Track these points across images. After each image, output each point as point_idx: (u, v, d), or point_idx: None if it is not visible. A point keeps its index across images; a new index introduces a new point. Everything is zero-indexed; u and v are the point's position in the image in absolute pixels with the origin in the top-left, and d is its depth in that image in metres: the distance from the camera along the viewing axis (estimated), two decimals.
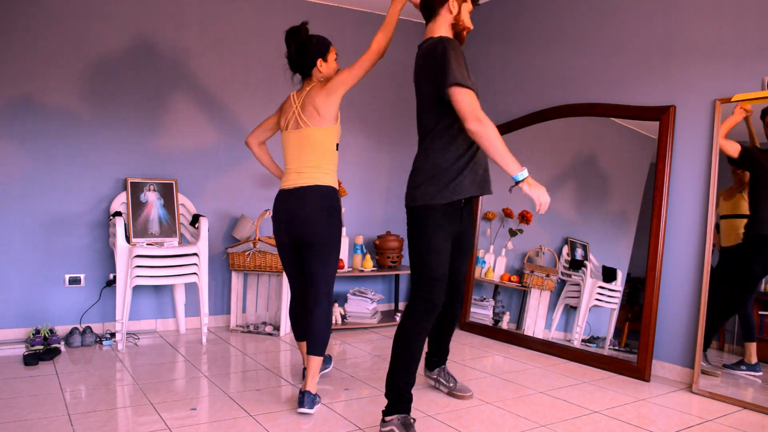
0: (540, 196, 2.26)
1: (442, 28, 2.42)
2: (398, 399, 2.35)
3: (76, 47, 3.80)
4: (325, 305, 2.67)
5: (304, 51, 2.68)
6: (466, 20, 2.46)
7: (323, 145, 2.68)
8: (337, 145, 2.74)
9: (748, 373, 2.98)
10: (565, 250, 3.85)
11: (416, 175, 2.39)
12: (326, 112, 2.66)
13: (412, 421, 2.32)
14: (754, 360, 2.98)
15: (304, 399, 2.56)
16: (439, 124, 2.34)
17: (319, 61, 2.71)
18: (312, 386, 2.61)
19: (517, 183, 2.25)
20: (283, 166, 2.81)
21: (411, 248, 2.41)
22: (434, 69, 2.27)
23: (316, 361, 2.64)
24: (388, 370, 2.38)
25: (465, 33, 2.49)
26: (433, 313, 2.35)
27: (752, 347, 2.99)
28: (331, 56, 2.76)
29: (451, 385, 2.92)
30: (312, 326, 2.65)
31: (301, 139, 2.69)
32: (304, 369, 2.84)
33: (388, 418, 2.34)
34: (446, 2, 2.39)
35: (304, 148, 2.69)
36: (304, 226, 2.65)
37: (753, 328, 3.01)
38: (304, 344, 2.90)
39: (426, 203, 2.34)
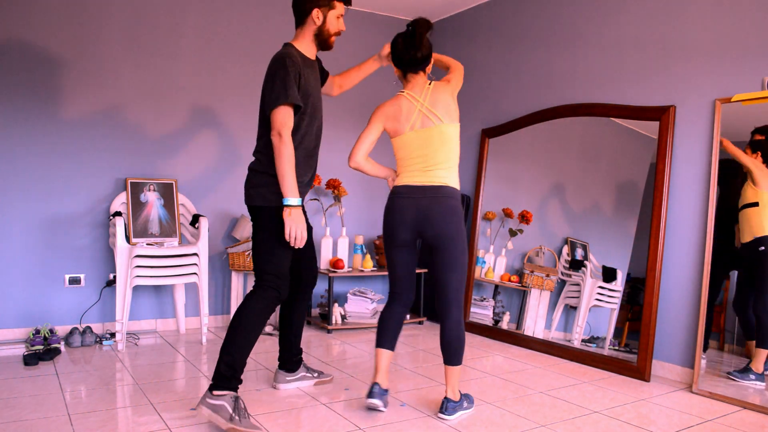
0: (294, 229, 2.42)
1: (306, 36, 2.61)
2: (233, 376, 2.39)
3: (75, 47, 3.80)
4: (455, 314, 2.56)
5: (422, 48, 2.59)
6: (333, 26, 2.61)
7: (454, 142, 2.59)
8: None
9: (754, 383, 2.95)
10: (565, 250, 3.85)
11: (262, 177, 2.53)
12: (456, 110, 2.62)
13: (243, 404, 2.36)
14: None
15: (447, 405, 2.57)
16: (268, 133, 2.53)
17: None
18: (451, 392, 2.60)
19: (284, 206, 2.43)
20: (399, 166, 2.66)
21: (263, 244, 2.53)
22: (264, 84, 2.49)
23: (453, 370, 2.58)
24: (228, 348, 2.40)
25: (333, 39, 2.65)
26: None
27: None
28: None
29: (316, 374, 3.04)
30: (444, 337, 2.57)
31: (435, 136, 2.55)
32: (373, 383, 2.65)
33: (218, 393, 2.35)
34: (310, 14, 2.56)
35: (437, 145, 2.55)
36: (433, 226, 2.54)
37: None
38: (383, 352, 2.67)
39: (278, 204, 2.49)
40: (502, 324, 4.18)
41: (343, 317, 4.36)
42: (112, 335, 3.75)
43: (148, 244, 3.72)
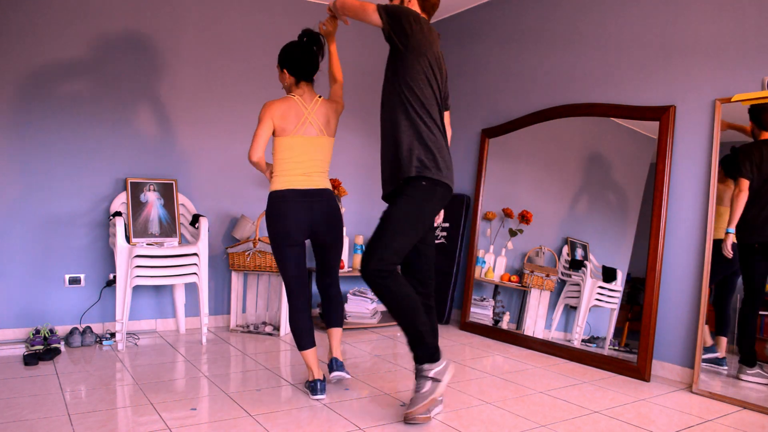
0: None
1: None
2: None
3: (76, 47, 3.80)
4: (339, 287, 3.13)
5: (321, 56, 2.89)
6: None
7: (330, 153, 2.94)
8: None
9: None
10: (565, 250, 3.85)
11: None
12: (335, 127, 2.95)
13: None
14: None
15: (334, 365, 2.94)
16: None
17: None
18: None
19: None
20: (279, 166, 2.82)
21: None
22: None
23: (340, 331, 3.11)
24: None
25: None
26: None
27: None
28: None
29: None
30: (337, 304, 3.07)
31: (316, 145, 2.83)
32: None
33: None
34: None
35: (317, 153, 2.85)
36: (326, 226, 2.86)
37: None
38: (312, 350, 2.88)
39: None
40: (502, 324, 4.18)
41: (344, 317, 4.35)
42: (112, 335, 3.75)
43: (148, 244, 3.72)
